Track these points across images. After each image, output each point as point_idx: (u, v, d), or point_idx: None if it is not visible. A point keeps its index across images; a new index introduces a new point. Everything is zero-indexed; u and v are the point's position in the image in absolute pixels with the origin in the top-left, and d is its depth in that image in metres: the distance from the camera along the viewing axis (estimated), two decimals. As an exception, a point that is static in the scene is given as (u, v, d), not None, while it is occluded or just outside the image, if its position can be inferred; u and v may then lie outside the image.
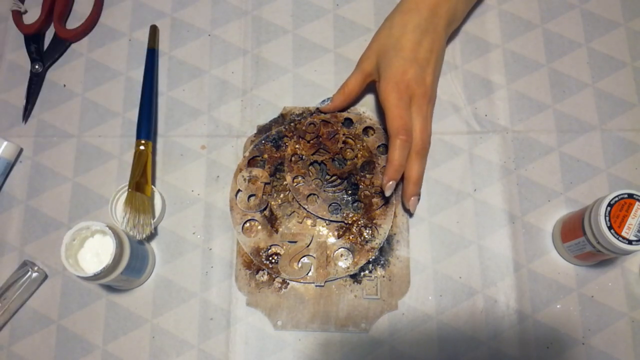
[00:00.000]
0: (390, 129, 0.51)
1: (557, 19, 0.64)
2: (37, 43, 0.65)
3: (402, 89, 0.52)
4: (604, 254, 0.50)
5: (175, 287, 0.56)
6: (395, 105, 0.52)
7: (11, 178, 0.61)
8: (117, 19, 0.66)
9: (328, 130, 0.59)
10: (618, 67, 0.62)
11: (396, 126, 0.51)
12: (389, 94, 0.52)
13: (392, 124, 0.51)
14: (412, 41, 0.54)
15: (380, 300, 0.55)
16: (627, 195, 0.49)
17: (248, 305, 0.55)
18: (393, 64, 0.53)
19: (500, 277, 0.56)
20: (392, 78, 0.53)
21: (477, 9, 0.65)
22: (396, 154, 0.51)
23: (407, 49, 0.53)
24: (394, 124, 0.51)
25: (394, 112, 0.51)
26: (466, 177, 0.59)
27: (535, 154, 0.59)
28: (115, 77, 0.64)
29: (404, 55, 0.53)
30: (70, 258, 0.50)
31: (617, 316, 0.54)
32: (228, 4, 0.66)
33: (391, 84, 0.52)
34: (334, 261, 0.55)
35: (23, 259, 0.57)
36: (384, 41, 0.55)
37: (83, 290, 0.57)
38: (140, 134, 0.58)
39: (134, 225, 0.54)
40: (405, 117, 0.52)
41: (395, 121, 0.51)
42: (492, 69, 0.62)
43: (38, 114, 0.63)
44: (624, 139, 0.60)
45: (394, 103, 0.52)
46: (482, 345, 0.54)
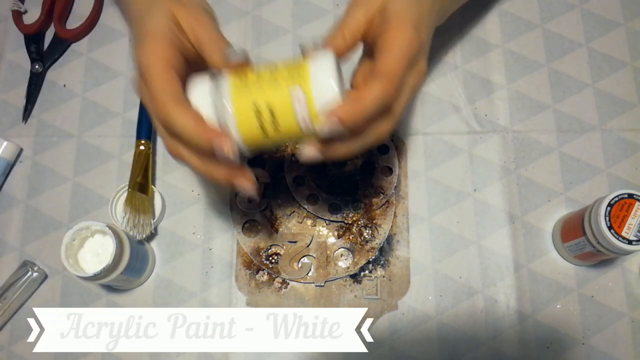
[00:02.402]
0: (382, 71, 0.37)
1: (557, 19, 0.64)
2: (37, 43, 0.65)
3: (414, 42, 0.39)
4: (604, 254, 0.50)
5: (175, 287, 0.56)
6: (403, 50, 0.38)
7: (11, 178, 0.61)
8: (117, 19, 0.66)
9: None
10: (618, 67, 0.62)
11: (392, 70, 0.37)
12: (402, 37, 0.38)
13: (389, 66, 0.37)
14: (418, 14, 0.41)
15: (380, 300, 0.55)
16: (627, 195, 0.49)
17: (248, 305, 0.55)
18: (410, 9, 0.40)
19: (500, 277, 0.56)
20: (409, 24, 0.39)
21: (477, 9, 0.65)
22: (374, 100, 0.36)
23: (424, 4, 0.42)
24: (390, 67, 0.37)
25: (398, 57, 0.38)
26: (466, 177, 0.59)
27: (535, 154, 0.59)
28: (115, 77, 0.64)
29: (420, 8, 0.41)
30: (70, 258, 0.50)
31: (617, 316, 0.54)
32: (228, 4, 0.66)
33: (408, 28, 0.39)
34: (334, 261, 0.55)
35: (23, 259, 0.57)
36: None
37: (83, 290, 0.57)
38: (140, 134, 0.58)
39: (134, 225, 0.54)
40: (404, 71, 0.38)
41: (393, 65, 0.38)
42: (492, 69, 0.62)
43: (38, 114, 0.63)
44: (624, 139, 0.60)
45: (402, 48, 0.38)
46: (482, 345, 0.54)
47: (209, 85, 0.38)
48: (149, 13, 0.41)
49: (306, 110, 0.35)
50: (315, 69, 0.36)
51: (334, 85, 0.36)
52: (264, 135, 0.37)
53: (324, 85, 0.36)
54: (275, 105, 0.36)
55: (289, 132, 0.37)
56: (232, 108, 0.36)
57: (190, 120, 0.36)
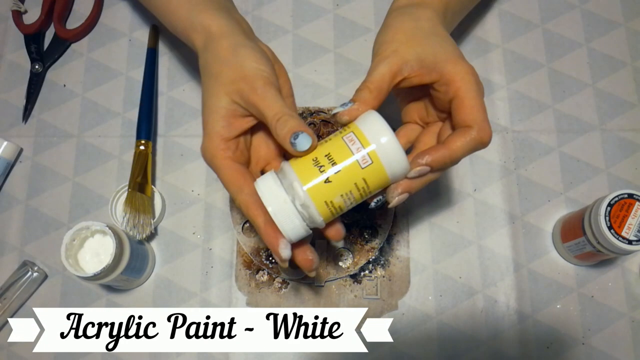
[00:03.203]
0: (472, 119, 0.39)
1: (557, 19, 0.64)
2: (37, 43, 0.65)
3: (474, 72, 0.40)
4: (604, 254, 0.50)
5: (175, 287, 0.56)
6: (476, 90, 0.40)
7: (11, 178, 0.61)
8: (117, 19, 0.66)
9: (328, 130, 0.59)
10: (618, 67, 0.62)
11: (481, 119, 0.40)
12: (465, 75, 0.40)
13: (477, 115, 0.40)
14: (446, 33, 0.43)
15: (380, 300, 0.55)
16: (627, 195, 0.49)
17: (248, 305, 0.55)
18: (447, 47, 0.41)
19: (500, 277, 0.56)
20: (459, 59, 0.41)
21: (477, 9, 0.65)
22: (464, 148, 0.39)
23: (446, 36, 0.43)
24: (478, 115, 0.40)
25: (477, 100, 0.40)
26: (466, 177, 0.59)
27: (535, 154, 0.59)
28: (115, 77, 0.64)
29: (449, 41, 0.42)
30: (70, 258, 0.50)
31: (617, 316, 0.54)
32: (228, 4, 0.66)
33: (462, 64, 0.40)
34: (334, 261, 0.55)
35: (23, 259, 0.57)
36: (414, 32, 0.42)
37: (83, 290, 0.57)
38: (140, 134, 0.58)
39: (134, 225, 0.54)
40: (486, 115, 0.40)
41: (480, 112, 0.40)
42: (492, 69, 0.62)
43: (38, 114, 0.63)
44: (624, 139, 0.60)
45: (475, 88, 0.40)
46: (482, 345, 0.54)
47: (272, 178, 0.38)
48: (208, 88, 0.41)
49: (360, 144, 0.36)
50: (360, 119, 0.38)
51: (375, 114, 0.37)
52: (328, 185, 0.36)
53: (371, 122, 0.37)
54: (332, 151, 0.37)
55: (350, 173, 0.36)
56: (301, 186, 0.36)
57: (257, 219, 0.39)
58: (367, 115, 0.38)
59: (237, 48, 0.41)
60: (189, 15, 0.44)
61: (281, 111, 0.38)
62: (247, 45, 0.41)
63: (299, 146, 0.37)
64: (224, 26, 0.43)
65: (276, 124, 0.38)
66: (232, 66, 0.40)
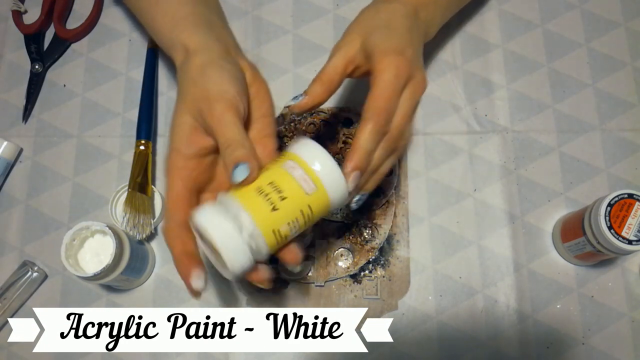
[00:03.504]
0: (370, 108, 0.40)
1: (557, 19, 0.64)
2: (37, 43, 0.65)
3: (401, 66, 0.41)
4: (604, 254, 0.50)
5: (175, 287, 0.56)
6: (389, 82, 0.41)
7: (11, 178, 0.61)
8: (117, 19, 0.66)
9: (328, 130, 0.59)
10: (618, 67, 0.62)
11: (379, 107, 0.40)
12: (386, 67, 0.41)
13: (375, 103, 0.40)
14: (405, 26, 0.45)
15: (380, 300, 0.55)
16: (627, 195, 0.49)
17: (248, 305, 0.55)
18: (389, 39, 0.43)
19: (500, 277, 0.56)
20: (391, 52, 0.42)
21: (477, 9, 0.65)
22: (368, 139, 0.40)
23: (400, 29, 0.44)
24: (377, 103, 0.40)
25: (384, 90, 0.41)
26: (466, 177, 0.59)
27: (535, 154, 0.59)
28: (115, 77, 0.64)
29: (398, 33, 0.44)
30: (70, 258, 0.50)
31: (617, 316, 0.54)
32: (228, 4, 0.66)
33: (390, 56, 0.41)
34: (334, 261, 0.55)
35: (23, 259, 0.57)
36: (369, 22, 0.46)
37: (83, 290, 0.57)
38: (140, 134, 0.58)
39: (134, 225, 0.54)
40: (392, 101, 0.41)
41: (380, 101, 0.40)
42: (492, 69, 0.62)
43: (38, 114, 0.63)
44: (624, 139, 0.60)
45: (389, 79, 0.41)
46: (482, 345, 0.54)
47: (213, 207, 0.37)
48: (176, 104, 0.41)
49: (302, 171, 0.36)
50: (296, 147, 0.38)
51: (311, 141, 0.38)
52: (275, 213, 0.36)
53: (309, 149, 0.37)
54: (275, 179, 0.36)
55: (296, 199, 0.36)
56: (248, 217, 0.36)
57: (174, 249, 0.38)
58: (302, 143, 0.38)
59: (206, 67, 0.41)
60: (171, 35, 0.45)
61: (232, 138, 0.37)
62: (216, 65, 0.41)
63: (233, 177, 0.36)
64: (200, 43, 0.43)
65: (225, 151, 0.37)
66: (198, 85, 0.40)
